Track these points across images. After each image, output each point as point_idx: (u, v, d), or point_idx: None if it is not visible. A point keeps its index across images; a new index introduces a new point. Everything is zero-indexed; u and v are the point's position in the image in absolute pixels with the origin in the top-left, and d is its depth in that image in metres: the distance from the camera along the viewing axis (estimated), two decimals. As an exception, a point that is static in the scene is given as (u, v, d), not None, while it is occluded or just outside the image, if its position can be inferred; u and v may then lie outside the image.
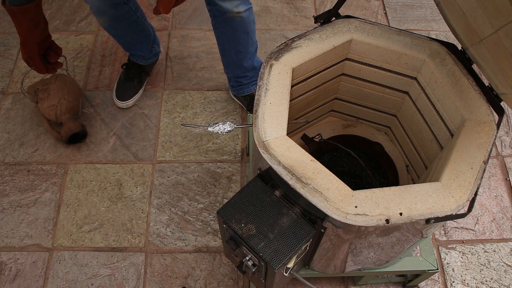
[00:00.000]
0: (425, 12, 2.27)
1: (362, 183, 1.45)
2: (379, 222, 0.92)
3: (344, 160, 1.50)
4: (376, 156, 1.50)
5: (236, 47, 1.64)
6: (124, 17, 1.64)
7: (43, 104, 1.74)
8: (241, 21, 1.54)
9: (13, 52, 2.07)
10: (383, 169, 1.48)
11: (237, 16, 1.51)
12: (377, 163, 1.50)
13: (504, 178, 1.76)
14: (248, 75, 1.77)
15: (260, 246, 1.01)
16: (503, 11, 0.85)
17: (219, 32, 1.63)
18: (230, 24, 1.55)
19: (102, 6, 1.54)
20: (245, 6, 1.51)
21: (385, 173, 1.47)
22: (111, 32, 1.72)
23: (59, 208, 1.66)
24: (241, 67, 1.73)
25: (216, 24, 1.60)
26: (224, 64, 1.78)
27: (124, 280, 1.53)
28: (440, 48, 1.17)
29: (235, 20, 1.53)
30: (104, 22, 1.63)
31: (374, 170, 1.48)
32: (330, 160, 1.50)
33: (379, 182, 1.45)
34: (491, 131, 1.03)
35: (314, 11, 2.26)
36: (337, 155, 1.51)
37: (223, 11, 1.50)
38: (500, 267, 1.57)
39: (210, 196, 1.69)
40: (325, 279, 1.53)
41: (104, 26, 1.66)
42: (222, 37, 1.64)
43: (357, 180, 1.46)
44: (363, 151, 1.52)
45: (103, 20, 1.62)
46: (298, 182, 0.96)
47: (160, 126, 1.86)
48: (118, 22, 1.65)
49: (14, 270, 1.54)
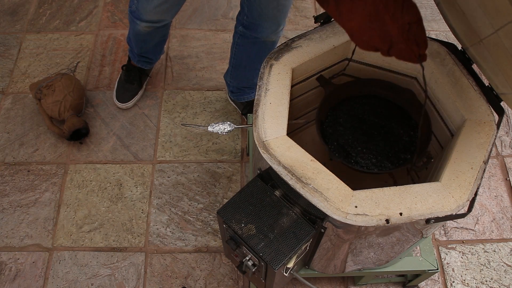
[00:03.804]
0: (425, 12, 2.27)
1: (388, 137, 1.23)
2: (379, 222, 0.92)
3: (366, 109, 1.28)
4: (405, 106, 1.28)
5: (255, 65, 1.59)
6: (166, 24, 1.60)
7: (47, 100, 1.75)
8: (272, 44, 1.49)
9: (13, 52, 2.07)
10: (413, 121, 1.26)
11: (269, 41, 1.46)
12: (405, 113, 1.28)
13: (504, 178, 1.76)
14: (253, 87, 1.76)
15: (260, 246, 1.01)
16: (503, 11, 0.85)
17: (241, 49, 1.56)
18: (258, 47, 1.48)
19: (165, 17, 1.48)
20: (282, 31, 1.45)
21: (415, 124, 1.25)
22: (143, 38, 1.65)
23: (59, 208, 1.67)
24: (250, 81, 1.71)
25: (241, 42, 1.54)
26: (232, 75, 1.73)
27: (124, 280, 1.53)
28: (440, 48, 1.17)
29: (266, 44, 1.47)
30: (148, 28, 1.56)
31: (403, 121, 1.27)
32: (349, 108, 1.28)
33: (407, 136, 1.23)
34: (491, 131, 1.03)
35: (314, 11, 2.26)
36: (358, 103, 1.29)
37: (256, 36, 1.44)
38: (500, 267, 1.57)
39: (210, 196, 1.69)
40: (325, 279, 1.53)
41: (143, 32, 1.58)
42: (243, 54, 1.57)
43: (382, 132, 1.24)
44: (389, 99, 1.30)
45: (147, 26, 1.54)
46: (298, 182, 0.96)
47: (160, 126, 1.86)
48: (158, 30, 1.59)
49: (14, 270, 1.54)
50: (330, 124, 1.25)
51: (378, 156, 1.19)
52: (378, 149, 1.21)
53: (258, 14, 1.42)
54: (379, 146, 1.21)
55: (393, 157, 1.19)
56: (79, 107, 1.83)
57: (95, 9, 2.23)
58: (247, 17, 1.46)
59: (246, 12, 1.45)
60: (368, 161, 1.19)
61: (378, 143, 1.22)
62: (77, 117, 1.78)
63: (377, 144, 1.22)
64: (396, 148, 1.21)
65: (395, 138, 1.23)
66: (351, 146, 1.21)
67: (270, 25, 1.44)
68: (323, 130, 1.24)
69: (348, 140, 1.22)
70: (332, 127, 1.25)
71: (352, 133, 1.23)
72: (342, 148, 1.21)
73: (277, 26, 1.45)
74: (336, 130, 1.24)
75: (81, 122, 1.76)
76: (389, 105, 1.29)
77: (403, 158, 1.19)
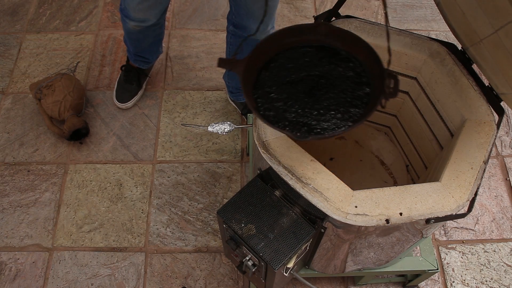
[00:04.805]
0: (425, 12, 2.27)
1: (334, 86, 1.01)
2: (379, 222, 0.92)
3: (289, 69, 1.04)
4: (329, 43, 1.05)
5: None
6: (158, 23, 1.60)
7: (47, 99, 1.75)
8: None
9: (13, 52, 2.07)
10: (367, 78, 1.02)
11: None
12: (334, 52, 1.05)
13: (504, 178, 1.76)
14: None
15: (260, 246, 1.01)
16: (503, 11, 0.85)
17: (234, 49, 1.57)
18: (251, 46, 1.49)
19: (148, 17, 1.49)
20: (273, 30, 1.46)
21: (369, 82, 1.01)
22: (135, 37, 1.65)
23: (59, 208, 1.67)
24: None
25: (233, 42, 1.54)
26: (229, 75, 1.74)
27: (124, 280, 1.53)
28: (440, 48, 1.17)
29: None
30: (137, 27, 1.56)
31: (338, 62, 1.04)
32: (274, 76, 1.03)
33: (355, 74, 1.02)
34: (491, 131, 1.03)
35: (314, 11, 2.26)
36: (279, 67, 1.05)
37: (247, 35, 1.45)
38: (500, 267, 1.57)
39: (210, 196, 1.69)
40: (325, 279, 1.53)
41: (133, 31, 1.59)
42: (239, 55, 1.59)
43: (325, 83, 1.02)
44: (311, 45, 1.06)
45: (136, 25, 1.55)
46: (298, 182, 0.96)
47: (160, 126, 1.86)
48: (149, 30, 1.60)
49: (14, 270, 1.54)
50: (267, 107, 1.00)
51: (340, 108, 0.98)
52: (333, 103, 0.99)
53: (245, 14, 1.44)
54: (331, 99, 1.00)
55: (356, 100, 0.99)
56: (79, 107, 1.83)
57: (95, 9, 2.23)
58: (235, 16, 1.49)
59: (234, 12, 1.48)
60: (334, 121, 0.97)
61: (328, 96, 1.00)
62: (77, 117, 1.78)
63: (328, 99, 1.00)
64: (351, 91, 1.00)
65: (341, 82, 1.02)
66: (305, 115, 0.98)
67: (258, 24, 1.45)
68: (267, 116, 0.98)
69: (297, 111, 0.98)
70: (271, 109, 0.99)
71: (295, 101, 1.00)
72: (299, 124, 0.97)
73: (265, 26, 1.46)
74: (276, 108, 1.00)
75: (81, 122, 1.76)
76: (316, 51, 1.05)
77: (366, 94, 0.99)
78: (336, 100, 0.99)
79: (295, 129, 0.96)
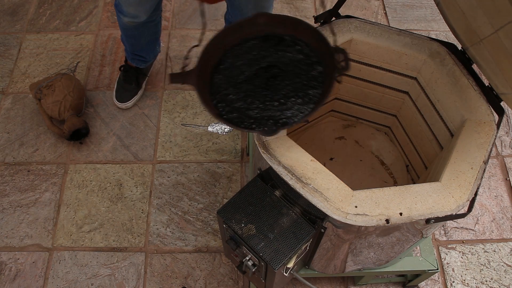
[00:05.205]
0: (425, 12, 2.27)
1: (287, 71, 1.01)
2: (379, 222, 0.92)
3: (240, 66, 1.03)
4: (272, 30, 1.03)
5: None
6: (153, 21, 1.61)
7: (47, 99, 1.75)
8: None
9: (13, 52, 2.07)
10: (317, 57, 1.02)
11: None
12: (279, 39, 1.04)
13: (504, 178, 1.76)
14: None
15: (260, 246, 1.01)
16: (503, 11, 0.85)
17: None
18: None
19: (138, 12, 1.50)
20: None
21: (319, 61, 1.02)
22: (131, 34, 1.66)
23: (59, 208, 1.67)
24: None
25: None
26: None
27: (124, 280, 1.53)
28: (440, 48, 1.17)
29: None
30: (131, 23, 1.57)
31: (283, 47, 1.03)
32: (226, 76, 1.02)
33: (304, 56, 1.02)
34: (491, 131, 1.03)
35: (314, 11, 2.26)
36: (241, 52, 1.04)
37: None
38: (500, 267, 1.57)
39: (210, 196, 1.69)
40: (325, 279, 1.53)
41: (128, 27, 1.60)
42: None
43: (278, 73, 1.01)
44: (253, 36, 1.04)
45: (129, 21, 1.56)
46: (298, 182, 0.96)
47: (160, 126, 1.86)
48: (143, 26, 1.61)
49: (14, 270, 1.54)
50: (228, 109, 0.99)
51: (298, 93, 0.98)
52: (291, 89, 0.99)
53: (239, 14, 1.46)
54: (288, 86, 1.00)
55: (311, 81, 0.99)
56: (79, 107, 1.83)
57: (95, 9, 2.23)
58: (231, 16, 1.50)
59: (230, 12, 1.50)
60: (296, 107, 0.97)
61: (285, 84, 1.00)
62: (77, 117, 1.78)
63: (285, 86, 1.00)
64: (305, 74, 1.01)
65: (293, 66, 1.02)
66: (268, 109, 0.98)
67: None
68: (231, 119, 0.98)
69: (258, 107, 0.98)
70: (233, 110, 0.98)
71: (255, 97, 0.99)
72: (264, 119, 0.97)
73: None
74: (237, 109, 0.99)
75: (81, 122, 1.76)
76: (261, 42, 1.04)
77: (319, 73, 0.99)
78: (293, 86, 0.99)
79: (262, 125, 0.96)
